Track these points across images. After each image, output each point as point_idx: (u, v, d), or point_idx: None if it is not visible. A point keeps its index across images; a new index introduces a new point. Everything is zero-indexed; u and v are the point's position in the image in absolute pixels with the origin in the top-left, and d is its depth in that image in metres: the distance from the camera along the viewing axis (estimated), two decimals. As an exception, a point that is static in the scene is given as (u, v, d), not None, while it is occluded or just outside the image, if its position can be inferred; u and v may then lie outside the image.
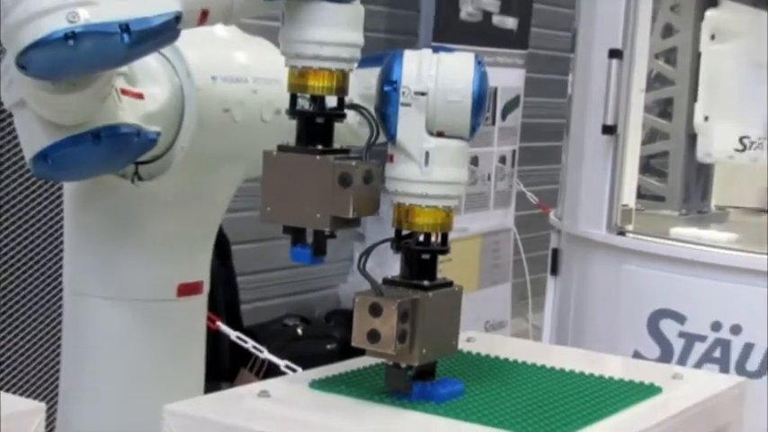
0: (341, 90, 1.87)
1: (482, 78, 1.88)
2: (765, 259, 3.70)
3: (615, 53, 4.05)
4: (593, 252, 4.15)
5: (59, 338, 2.31)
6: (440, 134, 1.87)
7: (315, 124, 1.87)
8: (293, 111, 1.87)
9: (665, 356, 3.72)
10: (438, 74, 1.87)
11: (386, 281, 1.89)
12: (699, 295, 3.76)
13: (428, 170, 1.87)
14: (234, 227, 3.50)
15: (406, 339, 1.72)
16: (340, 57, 1.86)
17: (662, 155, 4.61)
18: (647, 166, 4.36)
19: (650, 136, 4.38)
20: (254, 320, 5.75)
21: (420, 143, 1.86)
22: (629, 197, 4.12)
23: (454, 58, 1.93)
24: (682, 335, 3.76)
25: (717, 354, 3.67)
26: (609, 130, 4.07)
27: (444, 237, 1.93)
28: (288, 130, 1.91)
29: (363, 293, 1.78)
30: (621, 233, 4.04)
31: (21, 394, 1.84)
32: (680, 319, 3.77)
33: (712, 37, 4.30)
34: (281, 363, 3.69)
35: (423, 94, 1.85)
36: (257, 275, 6.20)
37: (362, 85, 2.06)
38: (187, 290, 2.22)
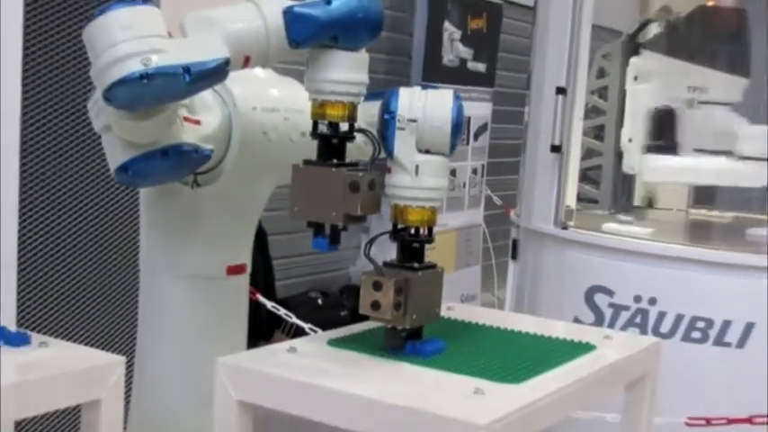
0: (351, 118, 1.91)
1: (459, 109, 1.93)
2: (676, 247, 3.79)
3: (561, 90, 4.11)
4: (543, 242, 4.22)
5: (137, 306, 2.31)
6: (427, 151, 1.92)
7: (331, 144, 1.91)
8: (315, 134, 1.91)
9: (598, 322, 3.80)
10: (425, 105, 1.92)
11: (385, 263, 1.93)
12: (624, 275, 3.83)
13: (418, 179, 1.91)
14: (269, 222, 3.50)
15: (400, 308, 1.78)
16: (350, 93, 1.90)
17: (596, 167, 4.65)
18: (584, 176, 4.39)
19: (587, 153, 4.41)
20: (285, 294, 5.76)
21: (412, 158, 1.91)
22: (570, 200, 4.17)
23: (438, 93, 1.98)
24: (611, 305, 3.82)
25: (638, 320, 3.74)
26: (556, 149, 4.13)
27: (430, 230, 1.97)
28: (310, 149, 1.94)
29: (368, 273, 1.84)
30: (565, 227, 4.10)
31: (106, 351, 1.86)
32: (609, 293, 3.83)
33: (635, 78, 4.34)
34: (306, 326, 3.72)
35: (414, 120, 1.90)
36: (287, 259, 6.18)
37: (367, 114, 2.06)
38: (234, 270, 2.24)
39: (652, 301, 3.72)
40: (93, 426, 1.70)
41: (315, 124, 1.91)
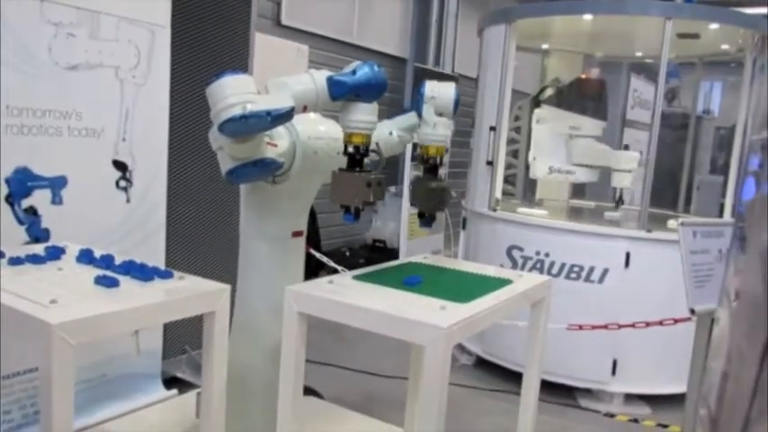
0: (367, 142, 1.89)
1: (457, 93, 2.12)
2: (561, 222, 3.78)
3: (492, 128, 4.12)
4: (481, 219, 4.19)
5: (237, 254, 2.29)
6: (440, 114, 2.08)
7: (355, 158, 1.89)
8: (345, 152, 1.89)
9: (514, 267, 3.79)
10: (440, 90, 2.09)
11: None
12: (530, 238, 3.80)
13: (435, 130, 2.08)
14: (317, 205, 3.48)
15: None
16: (367, 127, 1.88)
17: (513, 175, 4.65)
18: (506, 180, 4.39)
19: (508, 166, 4.40)
20: (327, 249, 5.76)
21: (432, 119, 2.07)
22: (498, 193, 4.15)
23: (446, 84, 2.12)
24: (522, 257, 3.81)
25: (538, 266, 3.73)
26: (489, 163, 4.14)
27: (441, 159, 2.13)
28: (342, 161, 1.92)
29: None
30: (494, 210, 4.06)
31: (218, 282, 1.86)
32: (521, 249, 3.82)
33: (537, 121, 4.32)
34: (339, 267, 3.72)
35: (433, 98, 2.08)
36: (328, 228, 6.21)
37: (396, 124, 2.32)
38: (297, 234, 2.22)
39: (547, 255, 3.71)
40: (210, 328, 1.71)
41: (345, 146, 1.89)
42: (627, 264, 3.55)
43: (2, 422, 2.57)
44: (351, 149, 1.88)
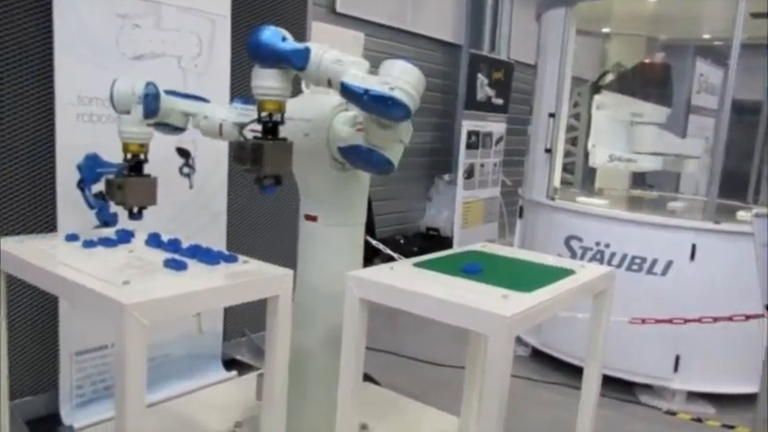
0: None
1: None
2: (621, 212, 3.69)
3: (551, 115, 4.06)
4: (539, 208, 4.15)
5: (296, 239, 2.31)
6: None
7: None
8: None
9: (573, 257, 3.73)
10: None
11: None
12: (589, 228, 3.74)
13: None
14: (371, 193, 3.51)
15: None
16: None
17: (572, 163, 4.57)
18: (565, 168, 4.32)
19: (567, 154, 4.33)
20: (381, 236, 5.80)
21: None
22: (556, 182, 4.10)
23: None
24: (581, 247, 3.76)
25: (597, 257, 3.67)
26: (548, 150, 4.08)
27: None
28: None
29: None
30: (553, 199, 4.02)
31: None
32: (580, 239, 3.77)
33: (597, 107, 4.23)
34: (395, 255, 3.74)
35: None
36: (381, 216, 6.25)
37: None
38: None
39: (607, 245, 3.65)
40: (273, 312, 1.74)
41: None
42: (692, 256, 3.45)
43: (74, 396, 2.70)
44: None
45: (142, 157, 2.10)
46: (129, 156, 2.07)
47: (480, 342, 2.35)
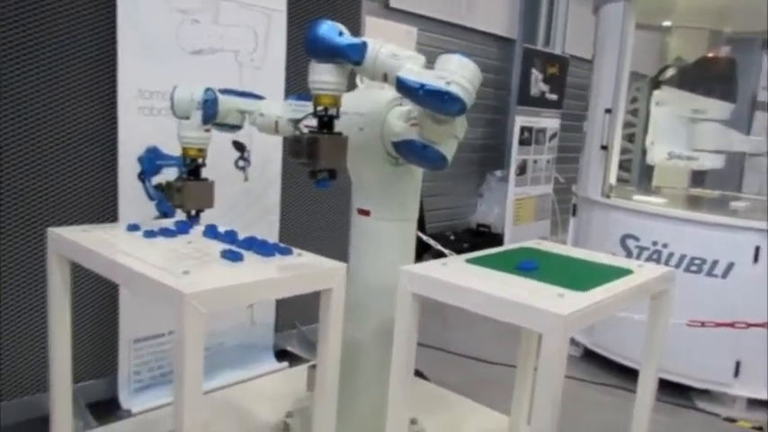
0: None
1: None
2: (680, 211, 3.60)
3: (608, 110, 3.98)
4: (593, 206, 4.08)
5: (348, 234, 2.32)
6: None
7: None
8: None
9: (629, 257, 3.63)
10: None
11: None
12: (646, 228, 3.66)
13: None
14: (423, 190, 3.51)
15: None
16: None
17: (628, 160, 4.47)
18: (621, 165, 4.23)
19: (623, 151, 4.24)
20: (431, 232, 5.78)
21: None
22: (612, 179, 4.02)
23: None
24: (637, 247, 3.68)
25: (654, 257, 3.59)
26: (604, 147, 4.00)
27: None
28: None
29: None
30: (608, 196, 3.95)
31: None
32: (636, 239, 3.69)
33: (656, 103, 4.13)
34: (445, 251, 3.73)
35: None
36: (432, 212, 6.24)
37: None
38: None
39: (665, 245, 3.57)
40: (327, 305, 1.75)
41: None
42: (756, 258, 3.34)
43: (132, 381, 2.79)
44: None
45: (200, 161, 2.16)
46: (188, 160, 2.12)
47: (532, 341, 2.32)
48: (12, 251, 2.47)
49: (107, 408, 2.74)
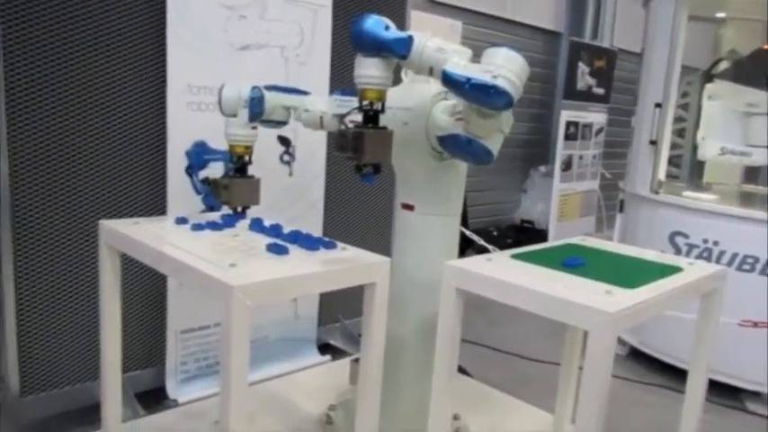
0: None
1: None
2: (732, 208, 3.51)
3: (658, 105, 3.88)
4: (641, 202, 4.00)
5: (390, 228, 2.31)
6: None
7: None
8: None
9: (678, 255, 3.56)
10: None
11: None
12: (696, 225, 3.57)
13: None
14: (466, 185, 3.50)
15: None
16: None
17: (678, 156, 4.37)
18: (670, 161, 4.14)
19: (672, 146, 4.15)
20: (474, 227, 5.75)
21: None
22: (661, 175, 3.94)
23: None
24: (686, 244, 3.59)
25: (705, 255, 3.49)
26: (653, 142, 3.92)
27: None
28: None
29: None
30: (657, 192, 3.87)
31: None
32: (686, 236, 3.60)
33: (708, 97, 4.02)
34: (489, 246, 3.70)
35: None
36: (475, 207, 6.20)
37: None
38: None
39: (716, 243, 3.47)
40: (370, 299, 1.75)
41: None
42: (812, 257, 3.24)
43: (179, 372, 2.85)
44: None
45: (247, 158, 2.18)
46: (234, 157, 2.14)
47: (577, 338, 2.29)
48: (65, 243, 2.55)
49: (154, 397, 2.80)
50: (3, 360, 2.55)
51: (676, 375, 3.49)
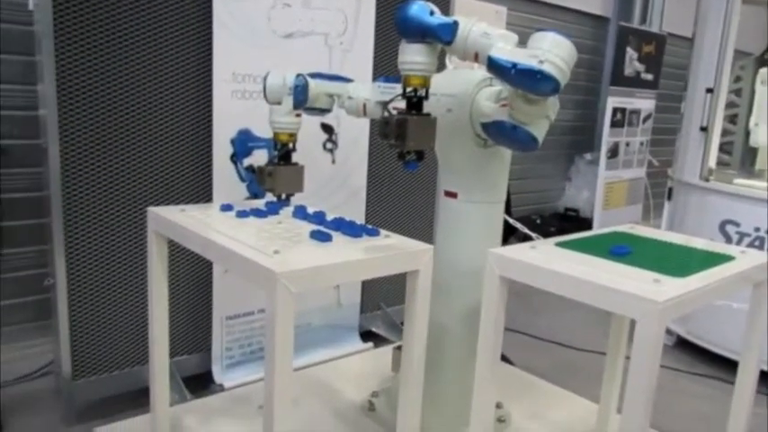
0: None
1: None
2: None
3: (709, 90, 3.77)
4: (691, 190, 3.91)
5: (433, 216, 2.31)
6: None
7: None
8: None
9: (728, 244, 3.48)
10: None
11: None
12: (748, 213, 3.48)
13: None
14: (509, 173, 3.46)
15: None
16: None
17: (729, 142, 4.24)
18: (721, 147, 4.03)
19: (724, 132, 4.03)
20: (517, 216, 5.69)
21: None
22: (712, 162, 3.83)
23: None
24: (737, 233, 3.51)
25: (757, 243, 3.41)
26: (703, 129, 3.81)
27: None
28: None
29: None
30: (707, 180, 3.77)
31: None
32: (737, 224, 3.51)
33: (762, 82, 3.90)
34: (533, 234, 3.66)
35: None
36: (518, 195, 6.14)
37: None
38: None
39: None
40: (413, 287, 1.75)
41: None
42: None
43: (224, 357, 2.90)
44: None
45: (291, 146, 2.19)
46: (279, 145, 2.16)
47: (623, 327, 2.26)
48: (115, 229, 2.61)
49: (201, 382, 2.86)
50: (55, 344, 2.63)
51: (725, 366, 3.40)
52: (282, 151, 2.19)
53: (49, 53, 2.34)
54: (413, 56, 1.70)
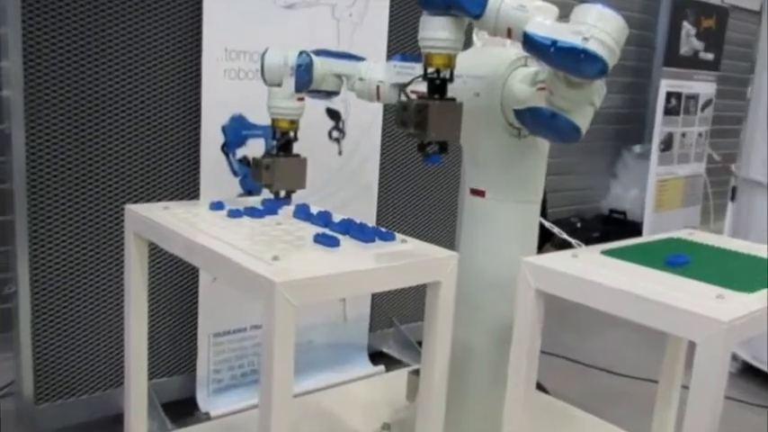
0: None
1: None
2: None
3: (782, 74, 3.78)
4: (758, 189, 3.92)
5: (455, 217, 2.30)
6: None
7: None
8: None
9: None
10: None
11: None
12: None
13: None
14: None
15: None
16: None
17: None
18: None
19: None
20: (554, 218, 5.69)
21: None
22: (780, 157, 3.85)
23: None
24: (806, 235, 3.50)
25: (827, 246, 3.42)
26: (774, 118, 3.83)
27: None
28: None
29: None
30: (778, 178, 3.78)
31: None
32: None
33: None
34: (572, 240, 3.65)
35: None
36: (556, 194, 6.14)
37: None
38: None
39: (838, 232, 3.39)
40: (434, 300, 1.73)
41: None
42: None
43: (211, 381, 2.90)
44: None
45: (292, 134, 2.19)
46: (278, 133, 2.16)
47: (680, 351, 2.25)
48: (88, 230, 2.62)
49: (184, 408, 2.86)
50: (16, 362, 2.64)
51: (799, 398, 3.40)
52: (282, 141, 2.19)
53: (15, 25, 2.34)
54: (435, 31, 1.70)
